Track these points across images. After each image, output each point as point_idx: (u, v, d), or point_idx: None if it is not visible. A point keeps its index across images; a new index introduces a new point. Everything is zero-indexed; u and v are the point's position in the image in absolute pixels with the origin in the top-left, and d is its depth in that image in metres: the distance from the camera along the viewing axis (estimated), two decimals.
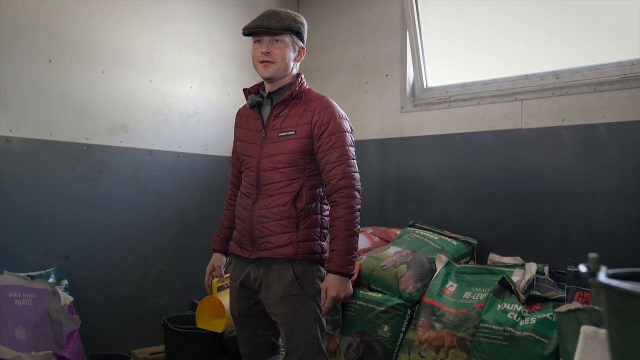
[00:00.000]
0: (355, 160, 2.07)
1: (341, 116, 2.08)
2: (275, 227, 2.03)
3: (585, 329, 1.36)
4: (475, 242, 3.20)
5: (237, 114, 2.28)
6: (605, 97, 2.84)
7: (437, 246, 3.11)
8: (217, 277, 2.33)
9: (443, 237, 3.19)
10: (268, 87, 2.11)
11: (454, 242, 3.15)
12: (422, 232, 3.24)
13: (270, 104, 2.11)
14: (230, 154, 2.44)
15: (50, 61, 3.03)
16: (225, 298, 2.48)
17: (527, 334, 2.36)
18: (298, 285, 2.03)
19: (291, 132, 2.04)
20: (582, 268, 0.78)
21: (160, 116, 3.51)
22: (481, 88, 3.36)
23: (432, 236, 3.19)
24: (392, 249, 3.10)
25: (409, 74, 3.69)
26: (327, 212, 2.11)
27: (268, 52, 2.02)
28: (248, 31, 2.06)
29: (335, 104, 2.10)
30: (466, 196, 3.32)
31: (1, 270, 2.63)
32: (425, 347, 2.68)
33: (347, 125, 2.08)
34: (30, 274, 2.76)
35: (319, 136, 2.02)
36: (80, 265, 3.11)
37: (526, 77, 3.18)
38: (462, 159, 3.36)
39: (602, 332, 1.33)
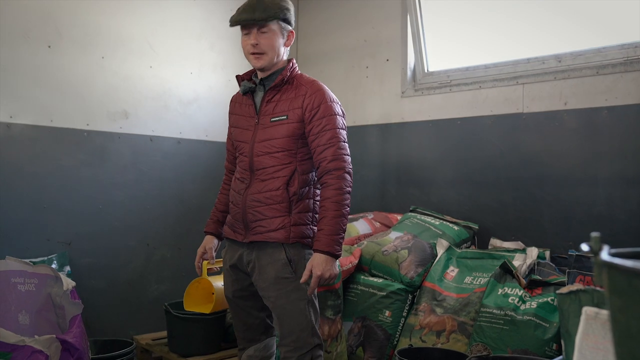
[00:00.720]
0: (346, 143, 2.07)
1: (332, 99, 2.08)
2: (268, 211, 2.04)
3: (587, 310, 1.37)
4: (477, 227, 3.20)
5: (231, 100, 2.29)
6: (607, 80, 2.82)
7: (438, 231, 3.11)
8: (207, 259, 2.33)
9: (444, 222, 3.19)
10: (260, 74, 2.13)
11: (455, 227, 3.15)
12: (423, 217, 3.24)
13: (262, 89, 2.13)
14: None
15: (49, 47, 3.02)
16: (215, 281, 2.53)
17: (528, 318, 2.37)
18: (291, 269, 2.04)
19: (283, 117, 2.05)
20: (585, 247, 0.78)
21: (161, 102, 3.50)
22: (482, 72, 3.34)
23: (433, 221, 3.19)
24: (393, 234, 3.10)
25: (410, 58, 3.66)
26: (319, 197, 2.11)
27: (257, 44, 2.02)
28: (234, 25, 2.07)
29: (327, 87, 2.11)
30: (467, 181, 3.32)
31: (3, 256, 2.64)
32: (426, 332, 2.69)
33: (338, 108, 2.08)
34: (33, 260, 2.77)
35: (309, 119, 2.03)
36: (82, 251, 3.12)
37: (528, 60, 3.16)
38: (463, 143, 3.35)
39: (604, 313, 1.33)
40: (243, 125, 2.15)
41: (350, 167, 2.06)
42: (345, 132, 2.09)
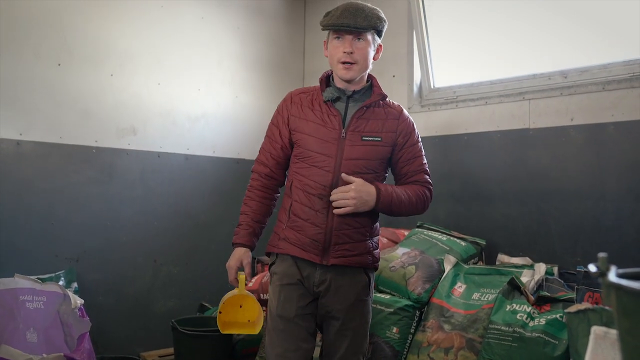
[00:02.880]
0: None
1: (416, 126, 2.13)
2: (356, 235, 1.98)
3: (596, 330, 1.36)
4: (484, 243, 3.18)
5: (291, 101, 2.08)
6: (613, 96, 2.82)
7: (445, 247, 3.10)
8: (246, 274, 2.09)
9: (451, 238, 3.18)
10: (344, 84, 2.00)
11: (462, 243, 3.14)
12: (430, 232, 3.24)
13: (346, 101, 2.01)
14: (237, 155, 2.39)
15: (59, 64, 3.06)
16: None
17: (536, 335, 2.35)
18: (368, 291, 2.04)
19: (377, 139, 1.98)
20: (592, 268, 0.78)
21: (169, 118, 3.53)
22: (488, 88, 3.35)
23: (440, 237, 3.18)
24: (401, 250, 3.10)
25: (416, 74, 3.68)
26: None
27: (352, 52, 1.92)
28: (332, 28, 1.94)
29: None
30: (474, 196, 3.31)
31: (12, 273, 2.65)
32: (434, 349, 2.68)
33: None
34: (41, 276, 2.78)
35: (402, 146, 2.04)
36: (89, 267, 3.13)
37: (534, 76, 3.17)
38: (470, 159, 3.35)
39: (613, 332, 1.32)
40: (321, 135, 1.97)
41: (432, 192, 2.13)
42: None
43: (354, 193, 1.90)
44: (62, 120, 3.07)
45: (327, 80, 2.06)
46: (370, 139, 1.97)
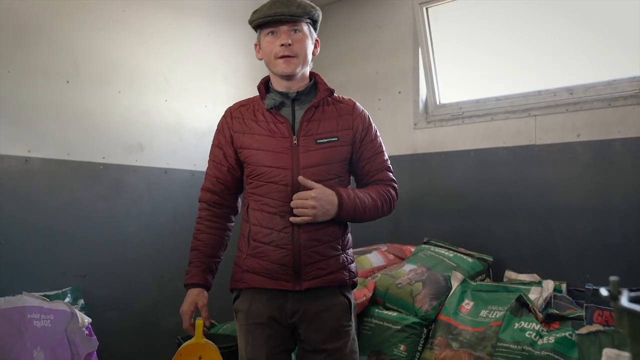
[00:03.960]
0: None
1: (372, 120, 1.95)
2: (327, 251, 1.77)
3: (607, 352, 1.35)
4: (491, 259, 3.17)
5: (230, 116, 1.89)
6: (620, 112, 2.82)
7: (452, 263, 3.09)
8: (203, 319, 1.87)
9: (458, 254, 3.17)
10: (284, 85, 1.82)
11: (469, 260, 3.13)
12: (436, 249, 3.23)
13: (291, 105, 1.82)
14: None
15: (68, 82, 3.08)
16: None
17: (546, 353, 2.33)
18: (350, 315, 1.81)
19: (333, 139, 1.79)
20: (604, 291, 0.78)
21: (175, 134, 3.55)
22: (494, 104, 3.36)
23: (447, 253, 3.17)
24: (407, 267, 3.09)
25: (422, 90, 3.70)
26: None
27: (290, 44, 1.75)
28: (264, 20, 1.76)
29: None
30: (481, 213, 3.31)
31: (20, 290, 2.65)
32: None
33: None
34: (47, 293, 2.78)
35: (360, 142, 1.84)
36: (96, 284, 3.13)
37: (539, 92, 3.17)
38: (476, 175, 3.35)
39: (625, 355, 1.31)
40: (271, 147, 1.77)
41: (397, 190, 1.94)
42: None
43: (313, 202, 1.69)
44: (70, 137, 3.09)
45: (266, 87, 1.89)
46: (325, 140, 1.78)
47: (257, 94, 1.90)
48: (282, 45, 1.75)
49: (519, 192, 3.15)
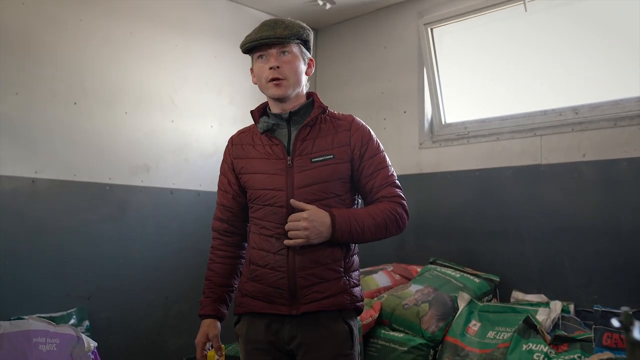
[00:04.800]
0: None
1: (374, 134, 1.87)
2: (325, 273, 1.71)
3: None
4: (498, 280, 3.15)
5: (231, 144, 1.90)
6: (626, 132, 2.82)
7: (458, 284, 3.07)
8: (213, 350, 1.83)
9: (465, 275, 3.15)
10: (280, 107, 1.80)
11: (476, 280, 3.12)
12: (443, 269, 3.21)
13: (286, 126, 1.80)
14: None
15: (75, 103, 3.11)
16: None
17: None
18: (351, 342, 1.73)
19: (329, 156, 1.73)
20: (615, 323, 0.77)
21: (182, 155, 3.56)
22: (499, 124, 3.36)
23: (453, 274, 3.16)
24: (414, 287, 3.07)
25: (427, 110, 3.71)
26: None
27: (278, 66, 1.72)
28: (250, 45, 1.75)
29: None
30: (487, 232, 3.29)
31: (25, 311, 2.65)
32: None
33: (380, 144, 1.88)
34: (52, 315, 2.78)
35: (359, 158, 1.78)
36: (101, 305, 3.12)
37: (545, 112, 3.18)
38: (482, 194, 3.34)
39: None
40: (266, 169, 1.75)
41: (406, 207, 1.83)
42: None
43: (305, 223, 1.64)
44: (77, 158, 3.10)
45: (263, 112, 1.87)
46: (320, 159, 1.73)
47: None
48: (271, 68, 1.72)
49: (525, 212, 3.14)
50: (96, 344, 2.33)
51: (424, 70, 3.69)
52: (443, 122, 3.66)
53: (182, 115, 3.58)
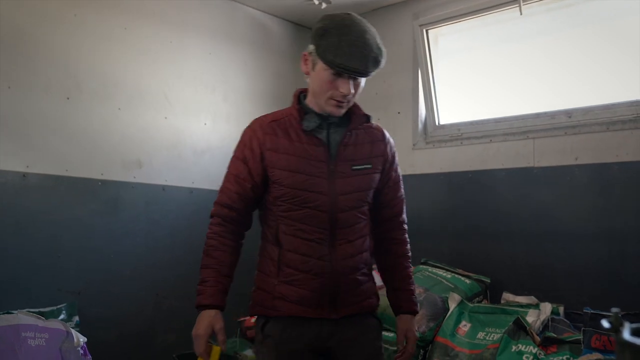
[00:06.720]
0: None
1: None
2: (361, 278, 1.76)
3: None
4: (489, 281, 3.17)
5: (262, 131, 1.75)
6: (618, 136, 2.84)
7: (449, 285, 3.08)
8: (220, 343, 1.72)
9: (456, 276, 3.16)
10: (321, 108, 1.74)
11: (467, 281, 3.13)
12: (434, 270, 3.22)
13: (326, 127, 1.74)
14: None
15: (68, 98, 3.09)
16: None
17: None
18: (381, 334, 1.85)
19: (367, 166, 1.74)
20: (605, 324, 0.77)
21: (174, 152, 3.55)
22: (493, 126, 3.37)
23: (444, 274, 3.16)
24: None
25: (421, 111, 3.72)
26: (388, 253, 1.95)
27: (350, 95, 1.68)
28: (338, 70, 1.63)
29: None
30: (479, 234, 3.30)
31: (14, 306, 2.63)
32: None
33: None
34: (42, 309, 2.76)
35: (388, 169, 1.82)
36: (91, 301, 3.10)
37: (537, 115, 3.19)
38: (474, 196, 3.35)
39: None
40: (307, 169, 1.69)
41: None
42: None
43: (413, 342, 1.89)
44: (69, 153, 3.08)
45: (300, 102, 1.79)
46: (361, 167, 1.73)
47: (257, 114, 1.89)
48: (343, 93, 1.66)
49: (517, 214, 3.15)
50: (85, 339, 2.32)
51: (418, 71, 3.69)
52: (437, 124, 3.67)
53: (175, 112, 3.56)
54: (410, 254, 1.94)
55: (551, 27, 3.17)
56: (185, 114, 3.62)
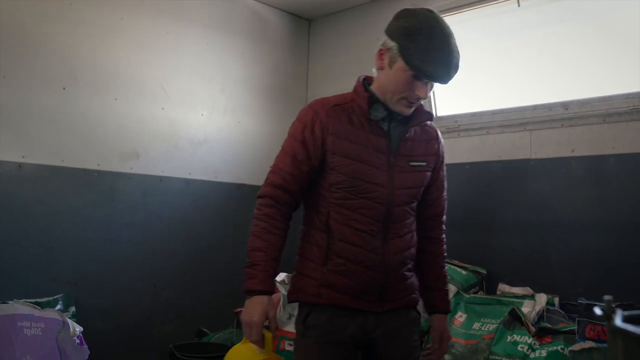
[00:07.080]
0: None
1: None
2: (408, 273, 1.76)
3: None
4: (485, 272, 3.18)
5: (326, 115, 1.69)
6: (614, 128, 2.84)
7: None
8: (272, 330, 1.67)
9: (452, 267, 3.17)
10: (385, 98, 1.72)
11: (463, 272, 3.14)
12: None
13: (388, 120, 1.71)
14: (239, 180, 2.03)
15: (64, 89, 3.08)
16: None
17: None
18: (420, 327, 1.86)
19: (423, 163, 1.75)
20: (598, 311, 0.78)
21: (171, 143, 3.55)
22: (490, 118, 3.37)
23: None
24: None
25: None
26: (429, 252, 1.94)
27: (424, 98, 1.67)
28: (423, 76, 1.61)
29: None
30: (475, 225, 3.31)
31: (10, 296, 2.63)
32: None
33: None
34: (39, 300, 2.76)
35: (438, 168, 1.84)
36: (88, 291, 3.11)
37: (535, 107, 3.19)
38: (471, 188, 3.35)
39: None
40: (369, 160, 1.67)
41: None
42: None
43: (446, 343, 1.89)
44: (65, 143, 3.08)
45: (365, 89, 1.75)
46: (417, 164, 1.73)
47: (254, 105, 1.92)
48: (419, 96, 1.64)
49: (514, 205, 3.16)
50: (82, 328, 2.33)
51: None
52: (434, 115, 3.66)
53: (172, 103, 3.56)
54: (446, 254, 1.94)
55: (548, 20, 3.16)
56: (182, 104, 3.61)
